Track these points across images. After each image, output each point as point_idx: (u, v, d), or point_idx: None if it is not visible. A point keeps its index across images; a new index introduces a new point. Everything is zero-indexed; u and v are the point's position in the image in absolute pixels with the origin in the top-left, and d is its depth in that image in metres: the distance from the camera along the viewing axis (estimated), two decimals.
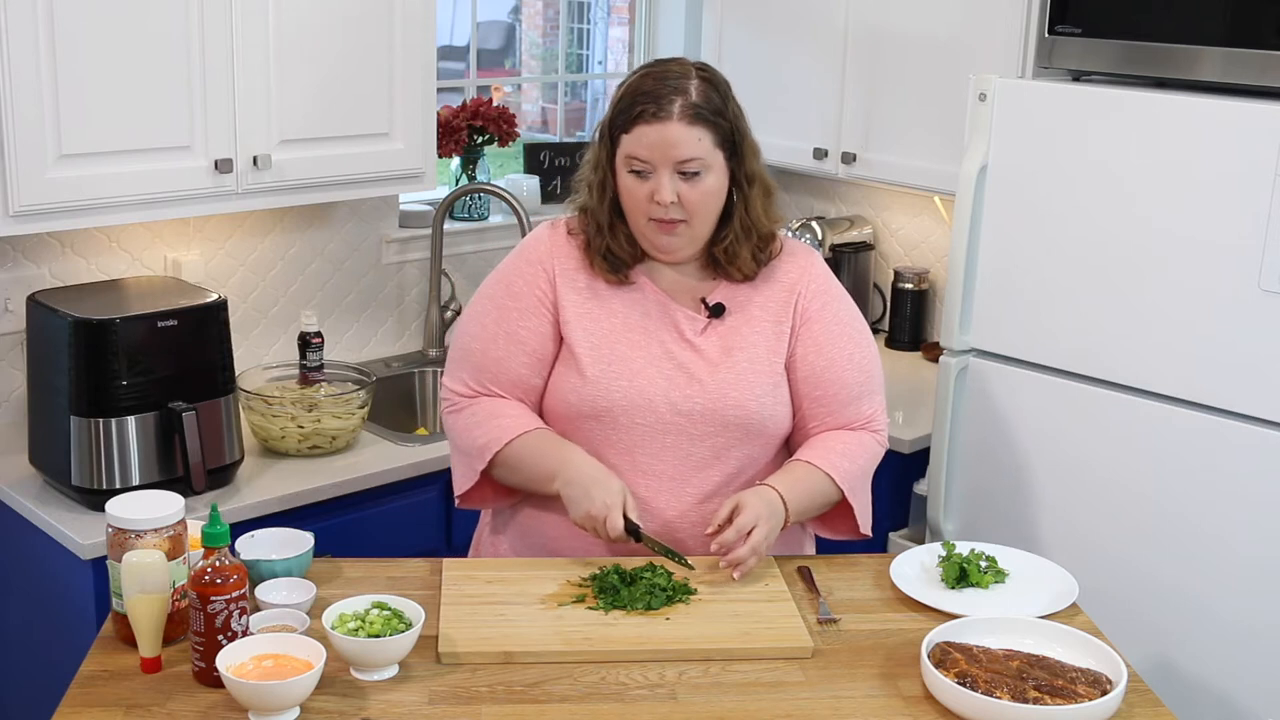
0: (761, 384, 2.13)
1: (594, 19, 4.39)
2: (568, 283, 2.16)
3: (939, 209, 3.71)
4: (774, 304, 2.18)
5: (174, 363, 2.57)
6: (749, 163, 2.14)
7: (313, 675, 1.67)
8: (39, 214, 2.57)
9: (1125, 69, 2.78)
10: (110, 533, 1.83)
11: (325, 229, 3.32)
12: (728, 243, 2.14)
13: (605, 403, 2.11)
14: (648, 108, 2.04)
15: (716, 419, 2.11)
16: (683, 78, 2.07)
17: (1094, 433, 2.72)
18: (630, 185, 2.08)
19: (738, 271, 2.15)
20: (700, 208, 2.08)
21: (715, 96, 2.08)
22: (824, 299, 2.19)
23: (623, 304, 2.16)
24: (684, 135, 2.04)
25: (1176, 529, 2.62)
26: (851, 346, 2.19)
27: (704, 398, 2.11)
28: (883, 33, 3.40)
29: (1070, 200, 2.70)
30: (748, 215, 2.14)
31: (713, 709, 1.74)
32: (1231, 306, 2.50)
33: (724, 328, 2.16)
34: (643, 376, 2.11)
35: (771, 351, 2.16)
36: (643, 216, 2.09)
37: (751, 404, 2.12)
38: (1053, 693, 1.72)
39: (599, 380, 2.11)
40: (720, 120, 2.07)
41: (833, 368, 2.17)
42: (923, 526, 3.07)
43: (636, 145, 2.06)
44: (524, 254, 2.20)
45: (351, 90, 2.96)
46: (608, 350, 2.13)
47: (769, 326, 2.16)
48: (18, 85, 2.48)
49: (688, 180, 2.06)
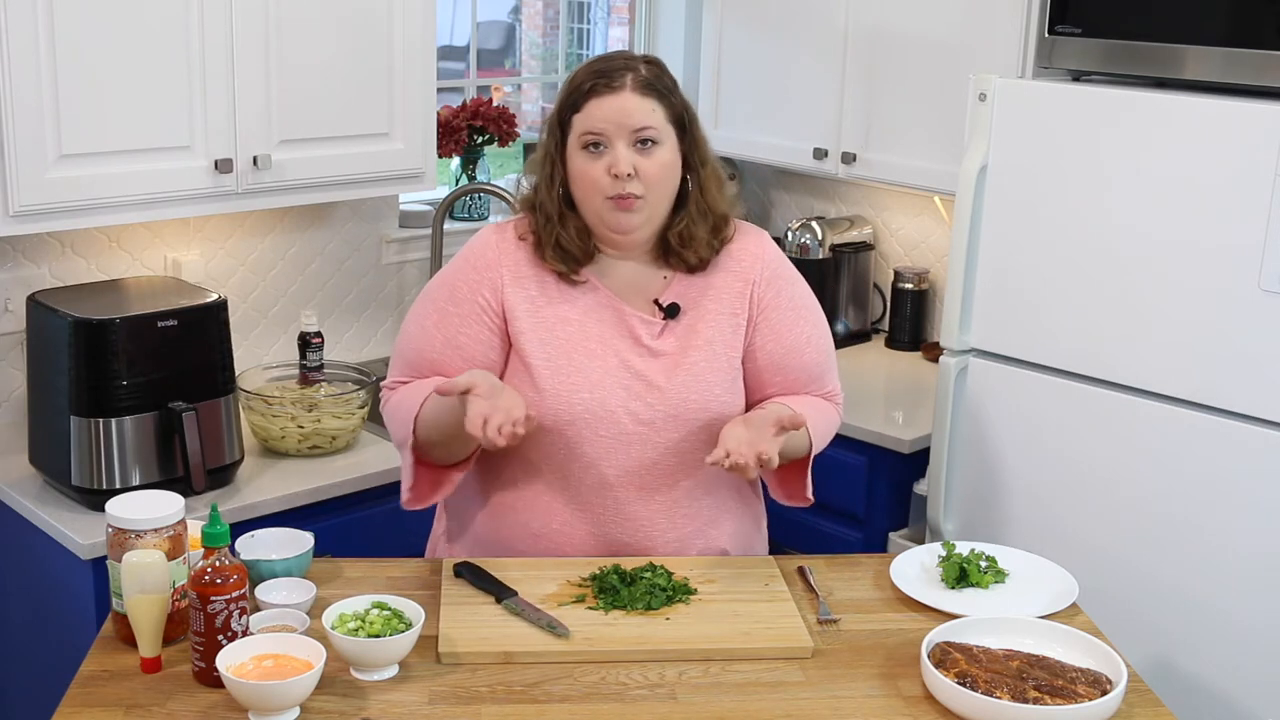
0: (720, 381, 2.13)
1: (594, 19, 4.39)
2: (518, 290, 2.12)
3: (939, 209, 3.71)
4: (728, 295, 2.16)
5: (174, 363, 2.57)
6: (701, 146, 2.15)
7: (313, 675, 1.67)
8: (39, 214, 2.57)
9: (1125, 69, 2.78)
10: (110, 533, 1.83)
11: (325, 229, 3.32)
12: (683, 225, 2.12)
13: (567, 416, 2.08)
14: (599, 82, 2.07)
15: (679, 423, 2.10)
16: (630, 59, 2.12)
17: (1094, 433, 2.72)
18: (584, 166, 2.07)
19: (693, 255, 2.13)
20: (657, 181, 2.07)
21: (665, 77, 2.12)
22: (778, 285, 2.19)
23: (576, 310, 2.12)
24: (638, 104, 2.05)
25: (1176, 529, 2.62)
26: (809, 328, 2.21)
27: (664, 404, 2.10)
28: (883, 33, 3.40)
29: (1070, 200, 2.70)
30: (703, 198, 2.14)
31: (713, 709, 1.74)
32: (1231, 306, 2.50)
33: (680, 326, 2.14)
34: (602, 388, 2.08)
35: (729, 346, 2.15)
36: (599, 196, 2.07)
37: (713, 404, 2.12)
38: (1053, 693, 1.72)
39: (558, 394, 2.08)
40: (671, 98, 2.10)
41: (793, 353, 2.18)
42: (923, 526, 3.07)
43: (590, 119, 2.06)
44: (469, 258, 2.16)
45: (351, 90, 2.96)
46: (564, 361, 2.10)
47: (725, 320, 2.15)
48: (18, 85, 2.48)
49: (644, 152, 2.06)
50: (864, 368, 3.63)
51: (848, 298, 3.81)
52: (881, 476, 3.18)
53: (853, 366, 3.62)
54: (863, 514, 3.20)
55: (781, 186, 4.10)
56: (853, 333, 3.82)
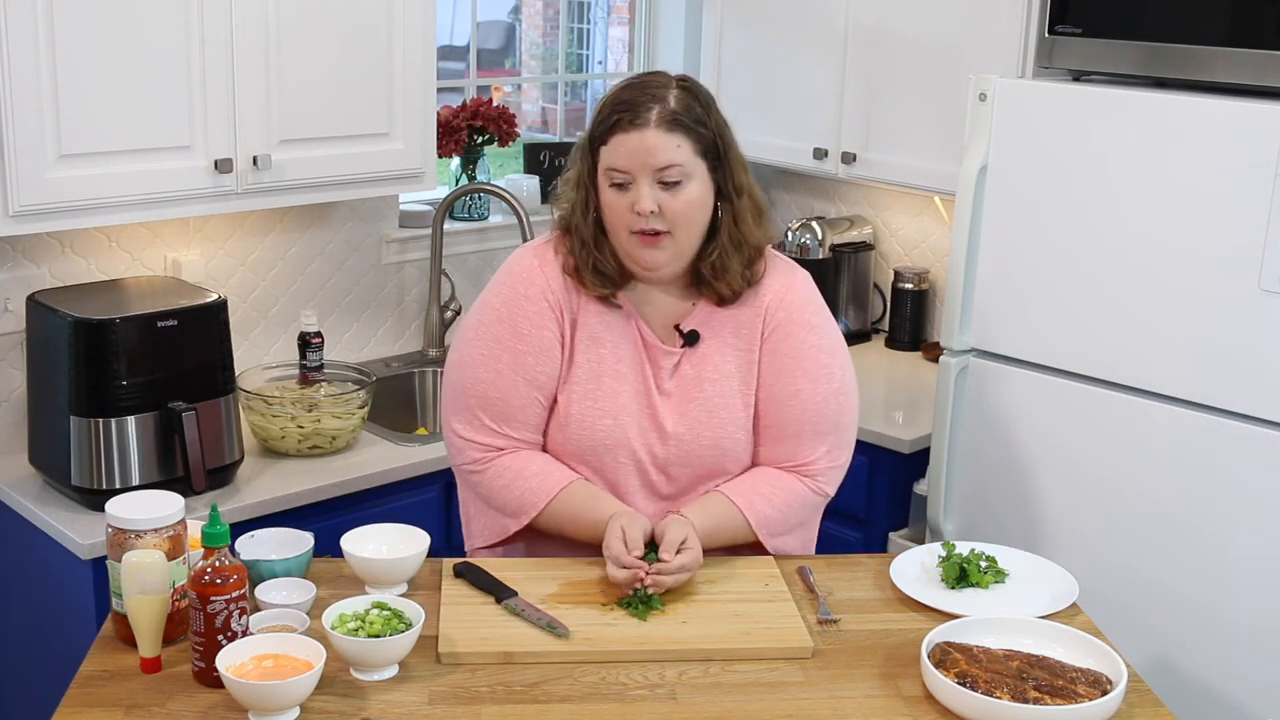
0: (733, 418, 2.11)
1: (594, 19, 4.39)
2: (569, 313, 2.12)
3: (939, 209, 3.71)
4: (747, 330, 2.13)
5: (174, 363, 2.57)
6: (736, 174, 2.08)
7: (313, 675, 1.67)
8: (39, 214, 2.57)
9: (1125, 69, 2.78)
10: (110, 533, 1.83)
11: (325, 229, 3.32)
12: (716, 256, 2.08)
13: (589, 442, 2.10)
14: (624, 116, 2.01)
15: (692, 460, 2.11)
16: (661, 87, 2.04)
17: (1094, 433, 2.72)
18: (611, 199, 2.04)
19: (726, 288, 2.09)
20: (683, 218, 2.03)
21: (696, 106, 2.04)
22: (789, 328, 2.12)
23: (611, 333, 2.12)
24: (662, 142, 1.99)
25: (1176, 529, 2.62)
26: (804, 383, 2.12)
27: (677, 447, 2.10)
28: (883, 33, 3.40)
29: (1070, 200, 2.70)
30: (737, 228, 2.08)
31: (713, 709, 1.74)
32: (1231, 307, 2.50)
33: (696, 355, 2.12)
34: (625, 415, 2.09)
35: (743, 382, 2.12)
36: (625, 230, 2.04)
37: (725, 441, 2.11)
38: (1053, 693, 1.72)
39: (582, 419, 2.09)
40: (700, 129, 2.03)
41: (775, 404, 2.12)
42: (923, 526, 3.07)
43: (614, 155, 2.02)
44: (520, 289, 2.12)
45: (351, 90, 2.96)
46: (594, 385, 2.10)
47: (741, 355, 2.12)
48: (18, 85, 2.48)
49: (668, 189, 2.01)
50: (864, 368, 3.62)
51: (848, 298, 3.81)
52: (881, 476, 3.18)
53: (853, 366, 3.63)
54: (863, 514, 3.20)
55: (781, 186, 4.10)
56: (853, 333, 3.82)
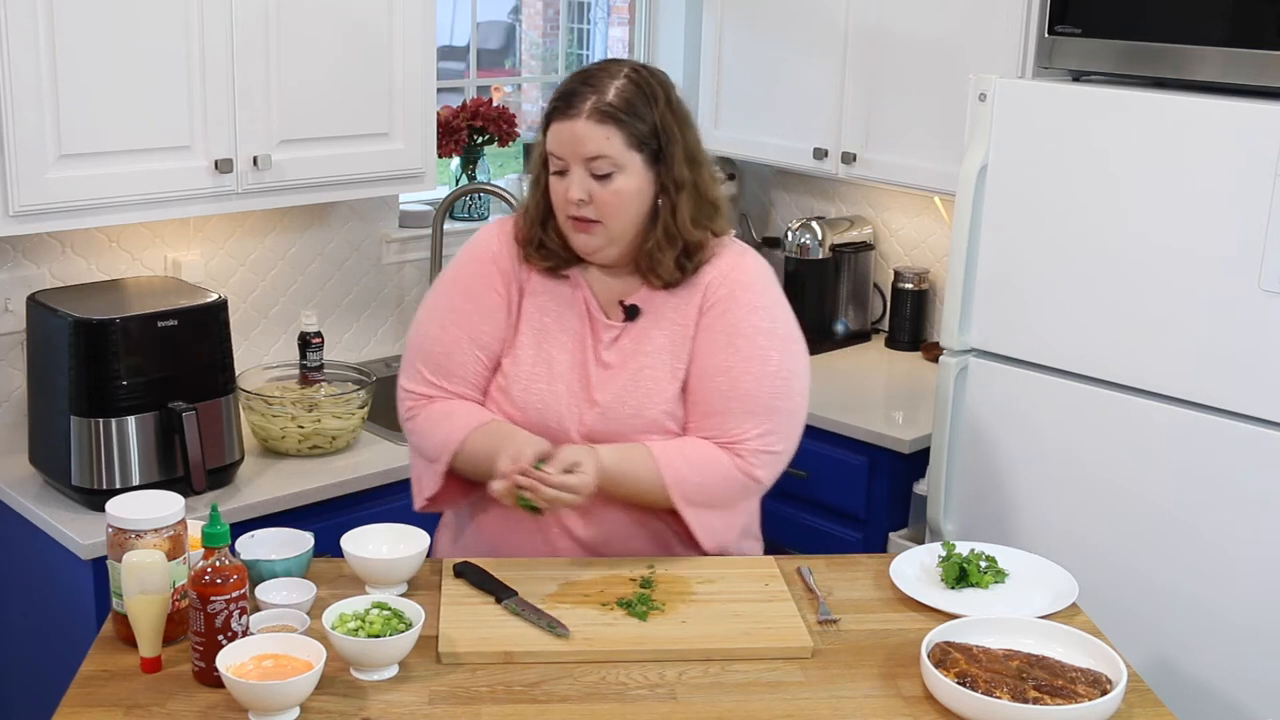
0: (661, 390, 2.11)
1: (594, 19, 4.39)
2: (525, 280, 2.17)
3: (939, 209, 3.71)
4: (686, 305, 2.13)
5: (174, 363, 2.57)
6: (678, 168, 2.08)
7: (313, 675, 1.67)
8: (39, 214, 2.57)
9: (1125, 69, 2.78)
10: (110, 533, 1.83)
11: (325, 229, 3.32)
12: (649, 247, 2.10)
13: (522, 402, 2.13)
14: (559, 105, 2.06)
15: (616, 430, 2.10)
16: (607, 76, 2.06)
17: (1094, 433, 2.72)
18: (553, 182, 2.10)
19: (657, 278, 2.12)
20: (611, 208, 2.05)
21: (637, 98, 2.05)
22: (727, 303, 2.12)
23: (557, 303, 2.16)
24: (590, 133, 2.02)
25: (1176, 529, 2.62)
26: (735, 360, 2.10)
27: (602, 415, 2.10)
28: (883, 33, 3.40)
29: (1070, 200, 2.70)
30: (674, 222, 2.09)
31: (713, 709, 1.74)
32: (1231, 307, 2.50)
33: (636, 330, 2.14)
34: (560, 381, 2.12)
35: (675, 357, 2.12)
36: (562, 214, 2.10)
37: (649, 411, 2.11)
38: (1053, 693, 1.72)
39: (518, 377, 2.13)
40: (636, 122, 2.04)
41: (703, 377, 2.11)
42: (923, 526, 3.07)
43: (552, 142, 2.07)
44: (476, 254, 2.20)
45: (351, 90, 2.96)
46: (535, 351, 2.14)
47: (678, 331, 2.13)
48: (18, 85, 2.48)
49: (600, 180, 2.05)
50: (864, 368, 3.63)
51: (848, 298, 3.81)
52: (881, 476, 3.18)
53: (853, 366, 3.63)
54: (863, 514, 3.20)
55: (781, 186, 4.10)
56: (853, 333, 3.82)
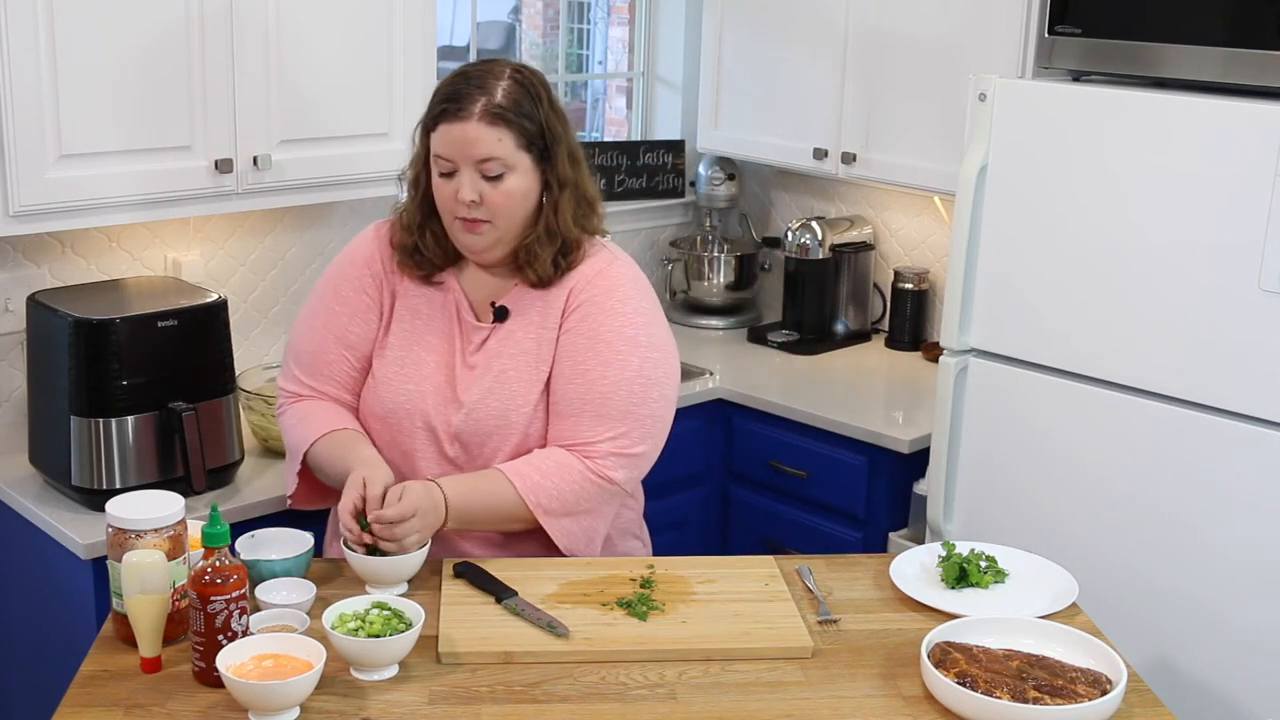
0: (523, 392, 2.13)
1: (594, 19, 4.38)
2: (397, 283, 2.21)
3: (939, 209, 3.71)
4: (552, 309, 2.16)
5: (174, 363, 2.57)
6: (561, 167, 2.12)
7: (313, 675, 1.67)
8: (39, 214, 2.57)
9: (1125, 69, 2.78)
10: (110, 533, 1.83)
11: (325, 229, 3.32)
12: (529, 242, 2.13)
13: (390, 404, 2.16)
14: (449, 106, 2.06)
15: (480, 431, 2.13)
16: (492, 78, 2.08)
17: (1094, 433, 2.72)
18: (439, 185, 2.11)
19: (533, 274, 2.14)
20: (502, 209, 2.08)
21: (524, 98, 2.08)
22: (589, 308, 2.14)
23: (428, 306, 2.20)
24: (483, 135, 2.04)
25: (1176, 529, 2.62)
26: (594, 363, 2.11)
27: (466, 416, 2.13)
28: (883, 33, 3.40)
29: (1070, 200, 2.70)
30: (555, 219, 2.13)
31: (713, 709, 1.74)
32: (1231, 306, 2.50)
33: (503, 331, 2.17)
34: (426, 383, 2.15)
35: (539, 359, 2.15)
36: (450, 215, 2.11)
37: (512, 413, 2.13)
38: (1053, 693, 1.72)
39: (386, 379, 2.17)
40: (525, 122, 2.07)
41: (562, 377, 2.13)
42: (923, 526, 3.07)
43: (440, 144, 2.08)
44: (350, 255, 2.26)
45: (351, 90, 2.96)
46: (404, 353, 2.18)
47: (542, 333, 2.15)
48: (18, 85, 2.48)
49: (490, 181, 2.07)
50: (864, 368, 3.63)
51: (848, 298, 3.81)
52: (881, 476, 3.18)
53: (853, 366, 3.63)
54: (863, 514, 3.20)
55: (781, 186, 4.10)
56: (853, 333, 3.82)
